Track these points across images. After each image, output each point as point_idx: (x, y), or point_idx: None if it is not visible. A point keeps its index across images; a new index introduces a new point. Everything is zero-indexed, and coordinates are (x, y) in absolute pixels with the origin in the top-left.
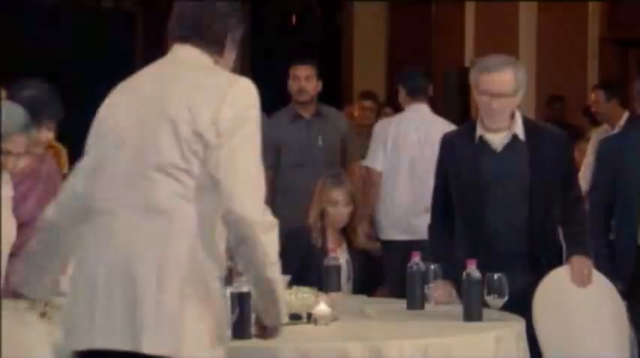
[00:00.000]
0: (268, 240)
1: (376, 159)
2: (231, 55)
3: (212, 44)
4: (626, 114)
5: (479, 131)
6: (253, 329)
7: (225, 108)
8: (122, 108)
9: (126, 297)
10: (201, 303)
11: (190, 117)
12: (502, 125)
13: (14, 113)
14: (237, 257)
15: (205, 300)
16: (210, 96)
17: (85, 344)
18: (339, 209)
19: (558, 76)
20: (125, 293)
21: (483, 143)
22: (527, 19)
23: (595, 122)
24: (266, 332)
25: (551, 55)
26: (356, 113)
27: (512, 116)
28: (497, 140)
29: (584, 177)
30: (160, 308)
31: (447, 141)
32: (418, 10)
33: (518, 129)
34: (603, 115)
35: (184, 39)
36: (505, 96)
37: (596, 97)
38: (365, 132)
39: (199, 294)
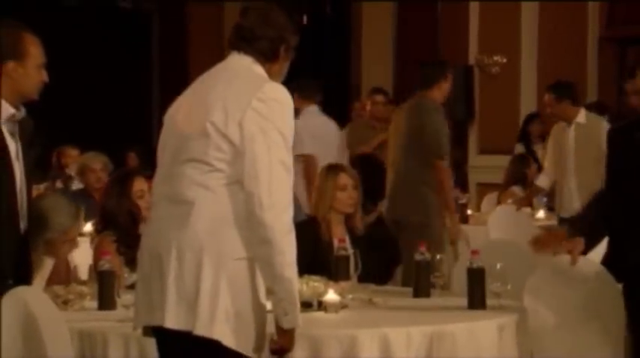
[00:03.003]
0: (286, 243)
1: None
2: (284, 62)
3: (265, 54)
4: (582, 111)
5: None
6: (270, 343)
7: (248, 113)
8: (175, 111)
9: (158, 277)
10: (219, 281)
11: (220, 119)
12: None
13: (64, 207)
14: (257, 257)
15: (223, 278)
16: (238, 101)
17: (141, 322)
18: (349, 192)
19: (559, 74)
20: (158, 273)
21: None
22: (528, 18)
23: None
24: (283, 341)
25: (552, 53)
26: (368, 107)
27: None
28: None
29: (547, 173)
30: (179, 285)
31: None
32: (425, 10)
33: None
34: (557, 116)
35: (239, 48)
36: None
37: (547, 100)
38: (378, 126)
39: (217, 273)
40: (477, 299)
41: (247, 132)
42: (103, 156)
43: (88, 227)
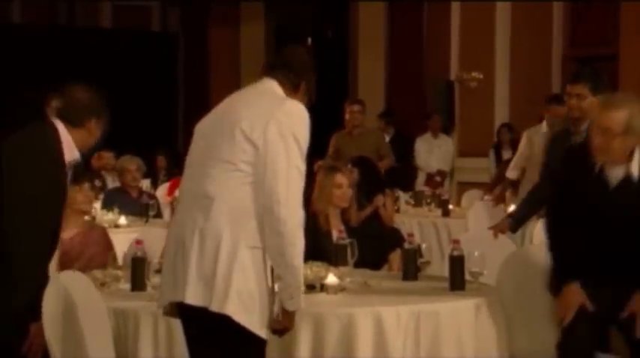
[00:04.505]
0: (297, 236)
1: None
2: (303, 96)
3: (289, 83)
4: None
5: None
6: (274, 323)
7: (271, 123)
8: (207, 119)
9: (182, 260)
10: (232, 265)
11: (248, 126)
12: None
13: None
14: (269, 247)
15: (237, 263)
16: (264, 112)
17: (166, 300)
18: (344, 190)
19: (528, 88)
20: (181, 257)
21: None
22: (502, 39)
23: None
24: (286, 322)
25: (522, 70)
26: (347, 116)
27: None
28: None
29: (515, 167)
30: (199, 267)
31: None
32: (412, 32)
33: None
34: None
35: (269, 73)
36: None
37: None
38: (354, 132)
39: (231, 258)
40: (457, 282)
41: (269, 138)
42: (137, 158)
43: (123, 220)
